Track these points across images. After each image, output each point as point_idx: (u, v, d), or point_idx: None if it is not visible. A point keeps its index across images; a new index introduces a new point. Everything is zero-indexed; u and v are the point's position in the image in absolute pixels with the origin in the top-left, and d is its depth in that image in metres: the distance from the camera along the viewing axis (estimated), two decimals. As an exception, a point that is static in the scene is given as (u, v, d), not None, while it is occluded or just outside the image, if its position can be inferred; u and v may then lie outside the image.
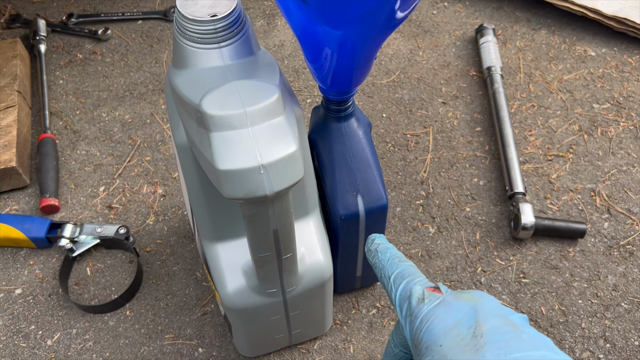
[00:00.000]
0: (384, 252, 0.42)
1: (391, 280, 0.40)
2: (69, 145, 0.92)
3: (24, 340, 0.72)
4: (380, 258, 0.42)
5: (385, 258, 0.42)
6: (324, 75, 0.55)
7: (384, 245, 0.43)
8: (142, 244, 0.80)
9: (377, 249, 0.43)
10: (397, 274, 0.40)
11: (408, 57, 1.05)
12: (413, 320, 0.35)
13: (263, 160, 0.41)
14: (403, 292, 0.38)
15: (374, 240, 0.44)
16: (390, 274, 0.40)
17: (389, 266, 0.41)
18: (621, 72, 1.01)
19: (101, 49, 1.06)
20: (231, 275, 0.56)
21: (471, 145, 0.91)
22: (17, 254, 0.80)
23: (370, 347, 0.71)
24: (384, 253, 0.42)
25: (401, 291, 0.38)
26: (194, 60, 0.47)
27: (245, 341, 0.66)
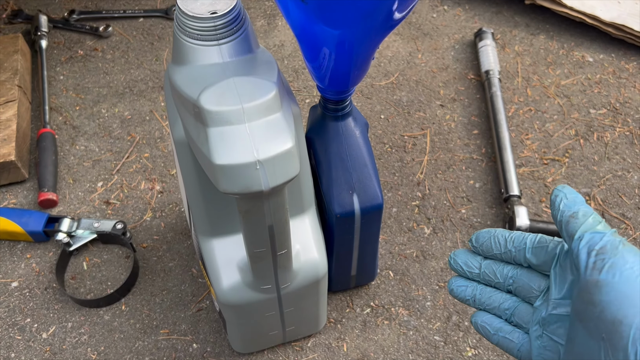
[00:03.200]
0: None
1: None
2: (68, 141, 0.92)
3: (19, 333, 0.72)
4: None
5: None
6: (322, 75, 0.56)
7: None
8: (138, 240, 0.81)
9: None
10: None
11: (407, 59, 1.06)
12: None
13: (259, 155, 0.41)
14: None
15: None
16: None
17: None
18: (618, 78, 1.02)
19: (102, 46, 1.07)
20: (226, 271, 0.57)
21: (468, 148, 0.92)
22: (14, 247, 0.80)
23: (364, 346, 0.71)
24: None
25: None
26: (193, 56, 0.48)
27: (239, 337, 0.66)
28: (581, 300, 0.32)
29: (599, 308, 0.30)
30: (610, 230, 0.33)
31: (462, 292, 0.43)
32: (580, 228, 0.33)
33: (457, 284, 0.43)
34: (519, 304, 0.40)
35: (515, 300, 0.41)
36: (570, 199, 0.36)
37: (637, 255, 0.31)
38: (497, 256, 0.41)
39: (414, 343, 0.72)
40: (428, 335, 0.72)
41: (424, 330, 0.73)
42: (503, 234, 0.40)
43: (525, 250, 0.39)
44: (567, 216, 0.35)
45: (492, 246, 0.41)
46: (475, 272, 0.42)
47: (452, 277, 0.44)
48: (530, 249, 0.38)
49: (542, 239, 0.38)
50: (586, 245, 0.32)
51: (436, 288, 0.76)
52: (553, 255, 0.37)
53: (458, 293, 0.43)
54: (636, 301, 0.29)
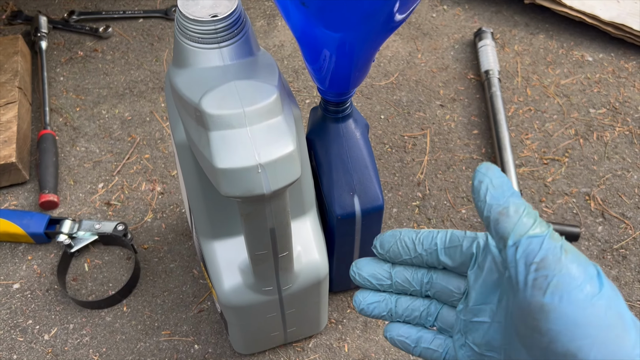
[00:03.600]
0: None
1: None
2: (68, 142, 0.92)
3: (21, 334, 0.73)
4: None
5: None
6: (322, 77, 0.56)
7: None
8: (140, 241, 0.81)
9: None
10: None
11: (407, 59, 1.06)
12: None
13: (261, 159, 0.41)
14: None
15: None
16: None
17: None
18: (618, 78, 1.02)
19: (102, 47, 1.07)
20: (228, 273, 0.57)
21: (468, 148, 0.92)
22: (15, 249, 0.80)
23: (365, 346, 0.72)
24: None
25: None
26: (194, 59, 0.48)
27: (241, 339, 0.67)
28: (524, 325, 0.28)
29: (547, 338, 0.27)
30: (548, 231, 0.28)
31: (374, 309, 0.37)
32: (514, 231, 0.28)
33: (367, 302, 0.37)
34: (441, 308, 0.36)
35: (437, 304, 0.36)
36: (497, 186, 0.30)
37: (581, 265, 0.27)
38: (407, 261, 0.36)
39: (414, 343, 0.72)
40: (429, 336, 0.73)
41: (425, 330, 0.73)
42: (410, 236, 0.35)
43: (438, 252, 0.34)
44: (495, 212, 0.29)
45: (400, 251, 0.35)
46: (386, 283, 0.36)
47: (358, 292, 0.37)
48: (443, 250, 0.34)
49: (454, 237, 0.34)
50: (523, 256, 0.28)
51: (437, 288, 0.77)
52: (470, 255, 0.33)
53: (370, 311, 0.37)
54: (590, 330, 0.26)
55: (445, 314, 0.36)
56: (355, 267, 0.37)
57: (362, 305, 0.37)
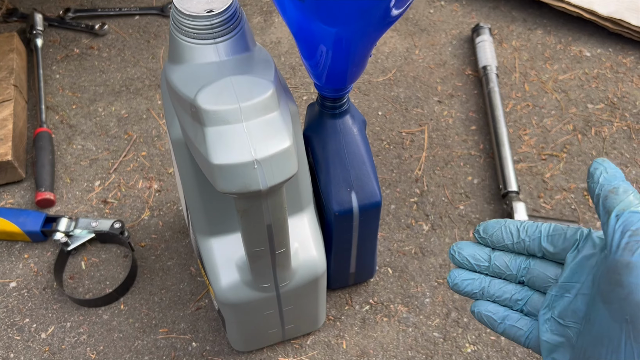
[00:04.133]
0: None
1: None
2: (65, 140, 0.92)
3: (18, 333, 0.72)
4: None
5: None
6: (319, 72, 0.55)
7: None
8: (137, 239, 0.81)
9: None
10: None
11: (404, 55, 1.05)
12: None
13: (257, 155, 0.41)
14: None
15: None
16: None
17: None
18: (616, 73, 1.02)
19: (98, 44, 1.07)
20: (225, 270, 0.57)
21: (466, 144, 0.92)
22: (12, 247, 0.80)
23: (363, 343, 0.71)
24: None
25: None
26: (190, 55, 0.48)
27: (238, 336, 0.66)
28: (607, 281, 0.31)
29: (627, 290, 0.30)
30: None
31: (468, 285, 0.40)
32: (619, 205, 0.32)
33: (462, 278, 0.40)
34: (532, 294, 0.39)
35: (528, 290, 0.39)
36: (610, 173, 0.34)
37: None
38: (508, 247, 0.39)
39: (413, 340, 0.72)
40: (427, 332, 0.72)
41: (423, 326, 0.73)
42: (514, 224, 0.38)
43: (541, 239, 0.37)
44: (606, 190, 0.33)
45: (504, 236, 0.38)
46: (484, 265, 0.39)
47: (453, 270, 0.41)
48: (546, 237, 0.37)
49: (558, 227, 0.37)
50: (622, 225, 0.31)
51: (435, 284, 0.76)
52: (573, 242, 0.36)
53: (464, 287, 0.40)
54: None
55: (535, 300, 0.38)
56: (455, 247, 0.40)
57: (457, 280, 0.40)
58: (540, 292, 0.39)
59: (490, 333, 0.72)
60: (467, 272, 0.40)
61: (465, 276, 0.40)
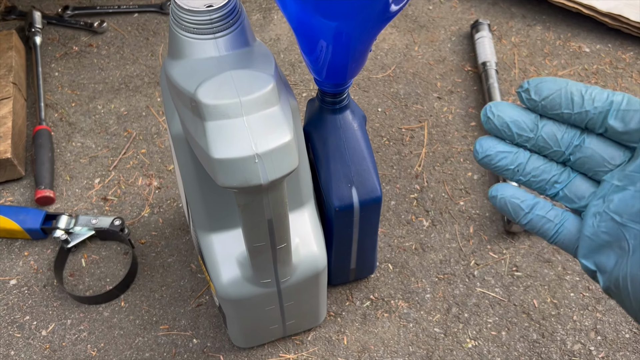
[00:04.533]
0: None
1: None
2: (64, 138, 0.92)
3: (18, 330, 0.72)
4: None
5: None
6: (319, 68, 0.55)
7: None
8: (137, 236, 0.81)
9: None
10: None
11: (404, 52, 1.05)
12: None
13: (258, 149, 0.41)
14: None
15: None
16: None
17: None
18: (615, 69, 1.02)
19: (97, 42, 1.06)
20: (226, 266, 0.57)
21: (466, 140, 0.92)
22: (11, 245, 0.80)
23: (364, 339, 0.71)
24: None
25: None
26: (190, 50, 0.47)
27: (239, 332, 0.66)
28: None
29: None
30: None
31: (502, 159, 0.32)
32: None
33: (497, 149, 0.32)
34: (575, 177, 0.32)
35: (571, 172, 0.32)
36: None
37: None
38: (563, 116, 0.31)
39: (414, 335, 0.72)
40: (428, 327, 0.72)
41: (424, 322, 0.73)
42: (577, 87, 0.30)
43: (609, 113, 0.30)
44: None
45: (562, 102, 0.30)
46: (526, 135, 0.32)
47: (484, 138, 0.33)
48: (616, 112, 0.29)
49: (633, 100, 0.29)
50: None
51: (435, 280, 0.76)
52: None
53: (497, 160, 0.32)
54: None
55: (577, 184, 0.32)
56: (493, 108, 0.32)
57: (490, 152, 0.32)
58: (586, 177, 0.32)
59: (491, 328, 0.72)
60: (502, 143, 0.32)
61: (501, 147, 0.32)
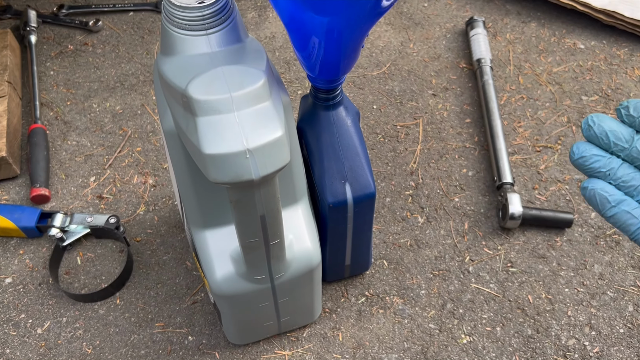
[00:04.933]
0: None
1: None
2: (59, 136, 0.92)
3: (14, 328, 0.72)
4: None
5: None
6: (312, 64, 0.55)
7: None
8: (132, 234, 0.81)
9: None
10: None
11: (399, 49, 1.05)
12: None
13: (249, 144, 0.41)
14: None
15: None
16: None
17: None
18: (610, 65, 1.02)
19: (92, 40, 1.06)
20: (219, 262, 0.57)
21: (460, 137, 0.92)
22: (7, 243, 0.80)
23: (359, 335, 0.72)
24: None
25: None
26: (182, 47, 0.48)
27: (234, 329, 0.66)
28: None
29: None
30: None
31: (596, 161, 0.35)
32: None
33: (592, 152, 0.36)
34: None
35: None
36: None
37: None
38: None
39: (409, 331, 0.72)
40: (423, 323, 0.73)
41: (419, 318, 0.73)
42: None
43: None
44: None
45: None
46: (622, 145, 0.35)
47: (581, 142, 0.36)
48: None
49: None
50: None
51: (430, 276, 0.77)
52: None
53: (591, 162, 0.36)
54: None
55: None
56: (594, 117, 0.36)
57: (586, 154, 0.36)
58: None
59: (486, 324, 0.72)
60: (597, 148, 0.36)
61: (596, 151, 0.36)
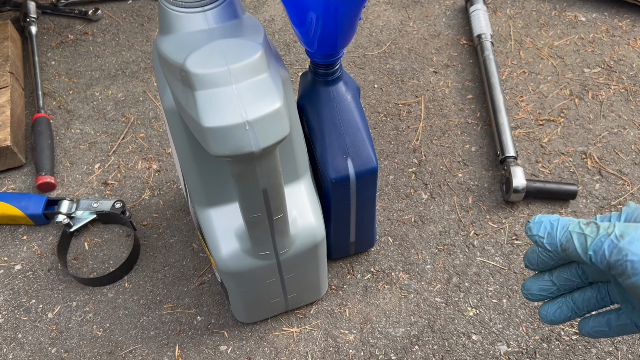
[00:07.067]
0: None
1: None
2: (63, 125, 0.92)
3: (25, 314, 0.73)
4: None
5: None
6: (310, 39, 0.55)
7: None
8: (138, 218, 0.81)
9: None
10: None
11: (398, 28, 1.05)
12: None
13: (248, 116, 0.41)
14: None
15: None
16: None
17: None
18: (612, 37, 1.02)
19: (92, 29, 1.07)
20: (225, 239, 0.57)
21: (463, 113, 0.92)
22: (15, 231, 0.81)
23: (366, 311, 0.72)
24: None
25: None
26: (179, 24, 0.48)
27: (242, 307, 0.67)
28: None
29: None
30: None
31: (559, 315, 0.41)
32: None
33: (551, 312, 0.41)
34: (607, 285, 0.39)
35: (602, 285, 0.39)
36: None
37: None
38: (557, 265, 0.40)
39: (415, 305, 0.72)
40: (429, 298, 0.73)
41: (425, 292, 0.73)
42: (535, 249, 0.40)
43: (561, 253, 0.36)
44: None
45: (544, 261, 0.40)
46: (554, 289, 0.41)
47: (541, 307, 0.42)
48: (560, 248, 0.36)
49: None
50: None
51: (435, 251, 0.77)
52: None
53: (559, 318, 0.41)
54: None
55: (614, 290, 0.39)
56: (524, 290, 0.42)
57: (550, 317, 0.41)
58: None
59: (492, 296, 0.73)
60: (551, 303, 0.41)
61: (552, 308, 0.41)
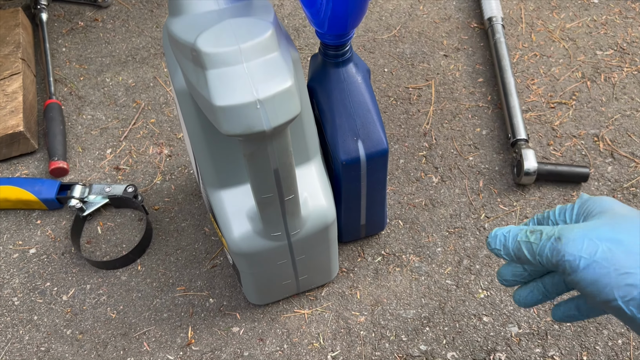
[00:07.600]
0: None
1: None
2: (74, 111, 0.93)
3: (40, 296, 0.74)
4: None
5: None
6: (320, 20, 0.55)
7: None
8: (150, 203, 0.82)
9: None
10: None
11: (408, 11, 1.04)
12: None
13: (259, 95, 0.41)
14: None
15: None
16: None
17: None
18: (625, 18, 1.00)
19: (102, 16, 1.07)
20: (236, 221, 0.57)
21: (473, 96, 0.91)
22: (29, 215, 0.82)
23: (377, 293, 0.72)
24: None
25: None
26: (189, 6, 0.48)
27: (254, 289, 0.68)
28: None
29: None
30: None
31: (531, 298, 0.43)
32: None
33: (524, 296, 0.43)
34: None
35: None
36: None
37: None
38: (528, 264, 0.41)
39: (426, 288, 0.73)
40: (440, 280, 0.73)
41: (436, 275, 0.74)
42: (510, 268, 0.43)
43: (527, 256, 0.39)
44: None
45: (516, 274, 0.43)
46: (526, 274, 0.43)
47: (514, 293, 0.44)
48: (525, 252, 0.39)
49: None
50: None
51: (446, 234, 0.77)
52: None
53: (530, 302, 0.43)
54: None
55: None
56: (499, 277, 0.44)
57: (523, 300, 0.44)
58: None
59: (503, 278, 0.73)
60: (523, 288, 0.44)
61: (524, 293, 0.43)
